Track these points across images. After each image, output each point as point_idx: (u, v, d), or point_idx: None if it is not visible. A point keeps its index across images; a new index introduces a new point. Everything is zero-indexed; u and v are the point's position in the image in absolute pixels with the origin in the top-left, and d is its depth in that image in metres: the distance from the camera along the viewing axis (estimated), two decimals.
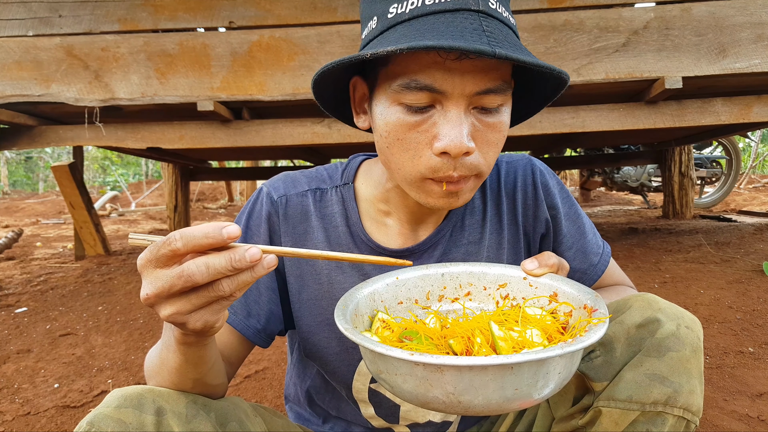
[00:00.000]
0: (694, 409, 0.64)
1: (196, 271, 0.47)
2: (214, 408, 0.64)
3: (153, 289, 0.48)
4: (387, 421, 0.89)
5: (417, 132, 0.65)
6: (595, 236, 0.90)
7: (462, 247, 0.84)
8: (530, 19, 2.39)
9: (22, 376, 1.86)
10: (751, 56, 2.32)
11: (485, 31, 0.58)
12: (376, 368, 0.55)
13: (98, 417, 0.56)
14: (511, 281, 0.74)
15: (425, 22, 0.60)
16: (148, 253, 0.48)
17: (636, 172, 6.10)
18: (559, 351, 0.48)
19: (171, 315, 0.49)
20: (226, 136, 2.65)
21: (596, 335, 0.51)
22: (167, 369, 0.64)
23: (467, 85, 0.61)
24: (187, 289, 0.48)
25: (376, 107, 0.69)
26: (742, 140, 9.83)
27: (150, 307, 0.50)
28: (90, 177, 15.10)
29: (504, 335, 0.60)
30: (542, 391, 0.51)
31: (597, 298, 0.63)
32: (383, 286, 0.72)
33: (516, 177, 0.86)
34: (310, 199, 0.83)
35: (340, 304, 0.63)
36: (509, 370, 0.48)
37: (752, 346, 1.81)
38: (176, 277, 0.47)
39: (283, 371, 1.87)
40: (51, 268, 3.47)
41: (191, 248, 0.47)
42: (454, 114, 0.63)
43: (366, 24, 0.68)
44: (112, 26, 2.55)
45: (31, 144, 2.72)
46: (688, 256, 3.06)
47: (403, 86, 0.62)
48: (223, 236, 0.47)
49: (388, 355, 0.49)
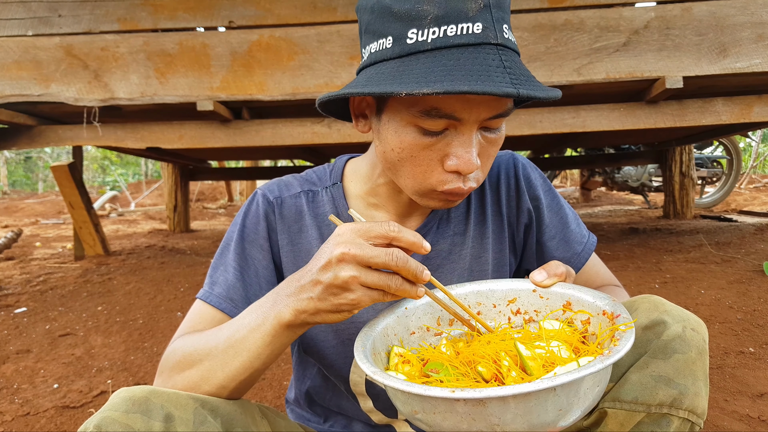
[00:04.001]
0: (699, 411, 0.64)
1: (400, 257, 0.58)
2: (221, 413, 0.64)
3: (357, 251, 0.57)
4: (386, 415, 0.90)
5: (430, 151, 0.68)
6: (579, 226, 0.92)
7: (448, 239, 0.87)
8: (530, 18, 2.39)
9: (21, 376, 1.85)
10: (752, 56, 2.31)
11: (506, 68, 0.61)
12: (410, 409, 0.54)
13: (106, 421, 0.55)
14: (520, 295, 0.74)
15: (449, 56, 0.61)
16: (361, 226, 0.59)
17: (637, 172, 6.10)
18: (600, 365, 0.47)
19: (350, 278, 0.57)
20: (226, 136, 2.64)
21: (628, 342, 0.52)
22: (236, 355, 0.66)
23: (482, 112, 0.65)
24: (379, 267, 0.58)
25: (387, 123, 0.70)
26: (743, 140, 9.84)
27: (333, 263, 0.58)
28: (89, 177, 15.09)
29: (531, 354, 0.58)
30: (583, 405, 0.51)
31: (615, 302, 0.63)
32: (394, 320, 0.72)
33: (499, 170, 0.89)
34: (304, 199, 0.86)
35: (359, 346, 0.62)
36: (552, 392, 0.47)
37: (753, 347, 1.81)
38: (384, 254, 0.57)
39: (282, 371, 1.87)
40: (50, 268, 3.47)
41: (401, 240, 0.59)
42: (468, 138, 0.66)
43: (375, 39, 0.67)
44: (111, 26, 2.54)
45: (31, 144, 2.71)
46: (689, 256, 3.06)
47: (423, 113, 0.64)
48: (423, 245, 0.60)
49: (428, 395, 0.47)
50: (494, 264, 0.89)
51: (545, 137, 4.00)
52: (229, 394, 0.69)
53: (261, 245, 0.84)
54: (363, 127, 0.76)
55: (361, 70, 0.71)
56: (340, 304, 0.59)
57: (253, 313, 0.67)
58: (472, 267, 0.87)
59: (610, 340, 0.58)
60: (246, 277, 0.81)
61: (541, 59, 2.39)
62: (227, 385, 0.67)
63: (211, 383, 0.67)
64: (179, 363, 0.70)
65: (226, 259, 0.82)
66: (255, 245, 0.84)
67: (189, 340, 0.72)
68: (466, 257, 0.87)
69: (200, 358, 0.68)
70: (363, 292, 0.58)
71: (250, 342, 0.65)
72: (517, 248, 0.93)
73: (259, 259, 0.83)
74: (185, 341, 0.73)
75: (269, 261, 0.84)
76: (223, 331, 0.69)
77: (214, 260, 0.85)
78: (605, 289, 0.91)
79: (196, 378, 0.68)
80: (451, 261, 0.86)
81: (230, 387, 0.68)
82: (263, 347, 0.65)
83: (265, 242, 0.84)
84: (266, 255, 0.84)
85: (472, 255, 0.87)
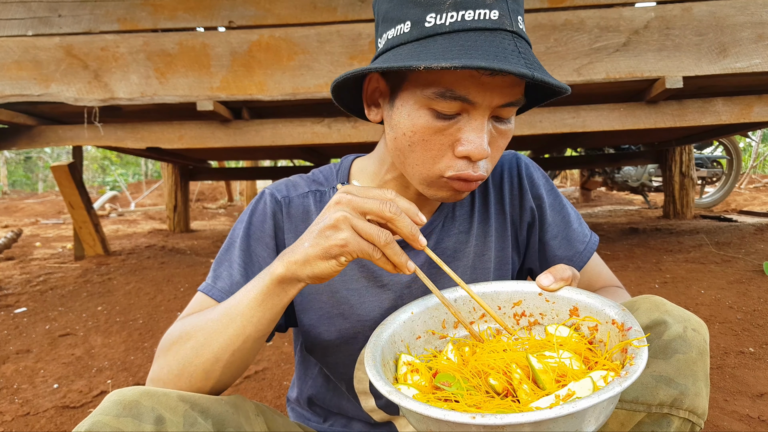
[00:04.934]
0: (700, 411, 0.64)
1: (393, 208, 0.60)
2: (212, 414, 0.64)
3: (352, 197, 0.61)
4: (387, 412, 0.90)
5: (442, 135, 0.69)
6: (581, 225, 0.93)
7: (453, 237, 0.87)
8: (530, 18, 2.39)
9: (21, 376, 1.85)
10: (752, 56, 2.31)
11: (521, 53, 0.63)
12: (425, 427, 0.54)
13: (97, 425, 0.56)
14: (525, 298, 0.74)
15: (467, 38, 0.63)
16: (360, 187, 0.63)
17: (636, 172, 6.10)
18: (618, 388, 0.47)
19: (342, 216, 0.59)
20: (226, 136, 2.64)
21: (643, 360, 0.52)
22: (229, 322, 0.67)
23: (495, 98, 0.66)
24: (373, 217, 0.60)
25: (400, 107, 0.70)
26: (743, 140, 9.84)
27: (331, 209, 0.61)
28: (89, 177, 15.08)
29: (543, 367, 0.58)
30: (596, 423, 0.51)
31: (624, 311, 0.62)
32: (400, 325, 0.72)
33: (503, 170, 0.91)
34: (311, 199, 0.86)
35: (369, 358, 0.62)
36: (572, 417, 0.47)
37: (753, 347, 1.81)
38: (380, 202, 0.60)
39: (283, 371, 1.87)
40: (50, 268, 3.46)
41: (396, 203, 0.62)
42: (480, 123, 0.67)
43: (393, 25, 0.69)
44: (111, 26, 2.54)
45: (31, 144, 2.71)
46: (689, 256, 3.06)
47: (437, 94, 0.65)
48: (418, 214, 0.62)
49: (447, 420, 0.47)
50: (496, 262, 0.89)
51: (545, 137, 4.00)
52: (223, 368, 0.68)
53: (266, 243, 0.84)
54: (375, 116, 0.77)
55: (376, 58, 0.72)
56: (329, 246, 0.60)
57: (248, 284, 0.68)
58: (475, 264, 0.88)
59: (622, 353, 0.57)
60: (250, 274, 0.81)
61: (541, 59, 2.39)
62: (220, 356, 0.67)
63: (204, 356, 0.67)
64: (174, 342, 0.70)
65: (231, 255, 0.82)
66: (260, 243, 0.84)
67: (185, 321, 0.73)
68: (469, 255, 0.87)
69: (194, 332, 0.69)
70: (351, 234, 0.59)
71: (243, 304, 0.66)
72: (521, 247, 0.93)
73: (264, 256, 0.83)
74: (181, 323, 0.73)
75: (274, 259, 0.84)
76: (218, 306, 0.70)
77: (218, 255, 0.84)
78: (607, 291, 0.91)
79: (189, 352, 0.68)
80: (455, 258, 0.87)
81: (224, 359, 0.67)
82: (254, 308, 0.66)
83: (270, 240, 0.84)
84: (271, 253, 0.84)
85: (475, 253, 0.88)
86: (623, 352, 0.57)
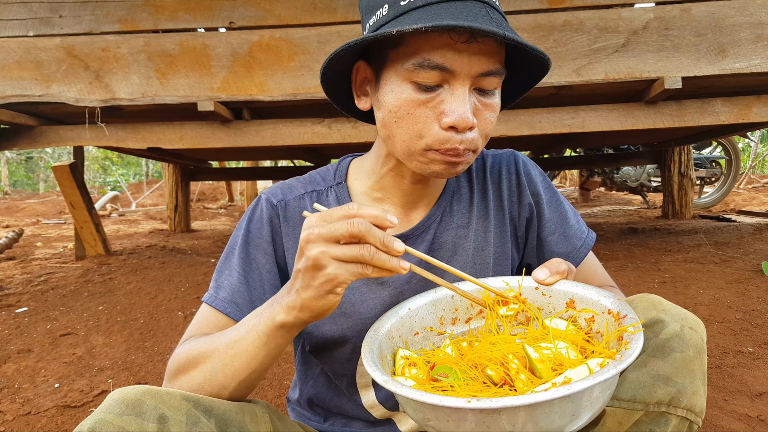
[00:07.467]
0: (698, 409, 0.64)
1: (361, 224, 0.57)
2: (215, 413, 0.65)
3: (320, 229, 0.59)
4: (387, 407, 0.91)
5: (426, 108, 0.70)
6: (579, 222, 0.94)
7: (451, 231, 0.88)
8: (530, 19, 2.39)
9: (22, 375, 1.86)
10: (751, 56, 2.32)
11: (492, 18, 0.66)
12: (422, 416, 0.54)
13: (100, 423, 0.56)
14: (522, 292, 0.74)
15: (439, 8, 0.66)
16: (324, 212, 0.61)
17: (635, 172, 6.10)
18: (613, 371, 0.48)
19: (319, 253, 0.58)
20: (227, 137, 2.65)
21: (638, 345, 0.52)
22: (235, 356, 0.68)
23: (473, 65, 0.68)
24: (346, 240, 0.58)
25: (384, 86, 0.73)
26: (742, 140, 9.84)
27: (304, 249, 0.59)
28: (90, 177, 15.08)
29: (540, 357, 0.59)
30: (593, 409, 0.51)
31: (620, 301, 0.63)
32: (398, 320, 0.72)
33: (501, 167, 0.92)
34: (308, 201, 0.87)
35: (366, 351, 0.63)
36: (567, 399, 0.48)
37: (752, 346, 1.82)
38: (346, 223, 0.57)
39: (283, 371, 1.87)
40: (51, 268, 3.47)
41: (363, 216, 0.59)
42: (461, 92, 0.69)
43: (373, 13, 0.72)
44: (112, 26, 2.55)
45: (32, 144, 2.72)
46: (688, 256, 3.07)
47: (416, 65, 0.68)
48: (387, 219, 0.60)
49: (442, 405, 0.48)
50: (496, 257, 0.90)
51: (544, 137, 4.00)
52: (231, 393, 0.70)
53: (265, 249, 0.85)
54: (365, 104, 0.80)
55: None
56: (320, 285, 0.59)
57: (252, 317, 0.69)
58: (474, 259, 0.89)
59: (618, 341, 0.58)
60: (250, 281, 0.82)
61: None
62: (228, 385, 0.69)
63: (213, 384, 0.70)
64: (183, 366, 0.72)
65: (231, 264, 0.84)
66: (259, 249, 0.85)
67: (193, 343, 0.74)
68: (468, 249, 0.88)
69: (203, 360, 0.71)
70: (337, 266, 0.58)
71: (247, 343, 0.67)
72: (520, 243, 0.94)
73: (263, 263, 0.84)
74: (189, 345, 0.75)
75: (273, 265, 0.85)
76: (224, 335, 0.71)
77: (218, 264, 0.86)
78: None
79: (199, 379, 0.70)
80: (454, 253, 0.88)
81: (231, 387, 0.70)
82: (259, 348, 0.67)
83: (269, 246, 0.85)
84: (270, 259, 0.85)
85: (474, 248, 0.89)
86: (620, 341, 0.57)
